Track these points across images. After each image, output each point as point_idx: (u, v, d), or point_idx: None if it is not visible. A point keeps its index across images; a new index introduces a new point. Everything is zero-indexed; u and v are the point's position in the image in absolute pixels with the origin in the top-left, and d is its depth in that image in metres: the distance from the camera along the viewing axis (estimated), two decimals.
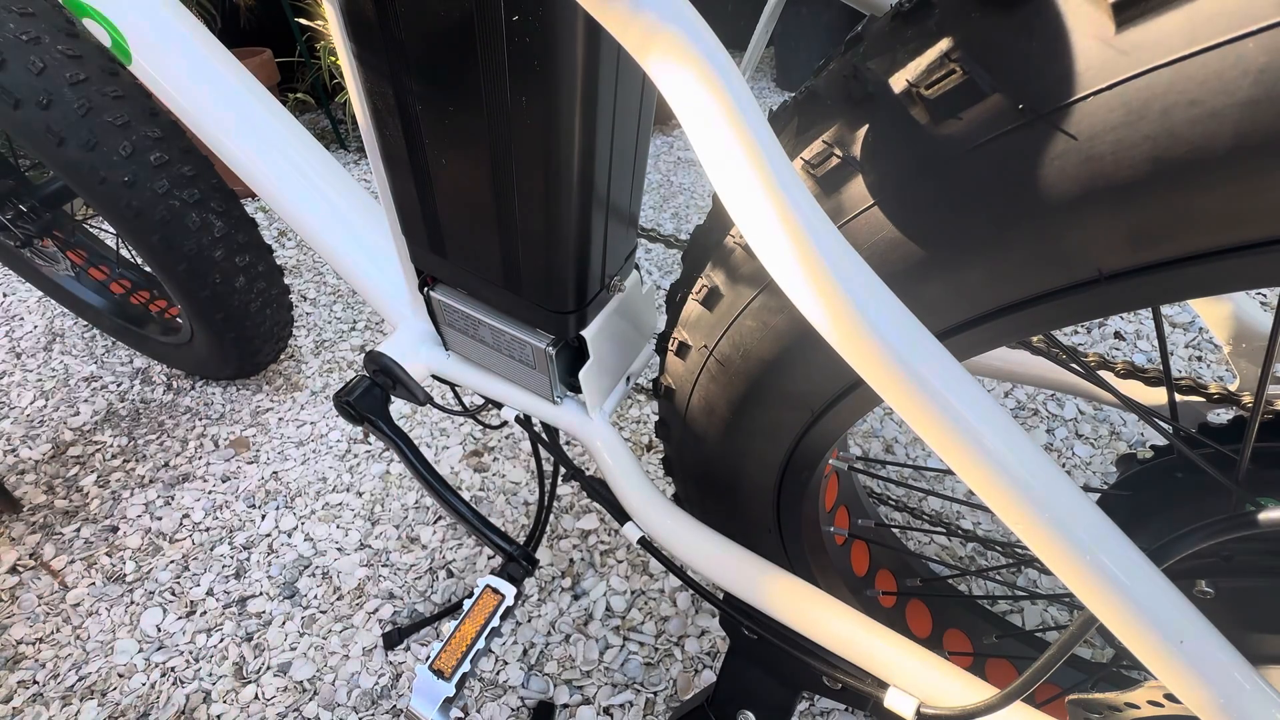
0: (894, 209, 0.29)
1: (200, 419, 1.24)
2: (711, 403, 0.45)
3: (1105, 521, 0.26)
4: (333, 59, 2.15)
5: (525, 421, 0.61)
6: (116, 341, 1.42)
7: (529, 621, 0.91)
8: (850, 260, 0.24)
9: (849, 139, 0.30)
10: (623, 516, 0.56)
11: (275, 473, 1.14)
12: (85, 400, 1.27)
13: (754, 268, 0.37)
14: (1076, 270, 0.27)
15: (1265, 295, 1.38)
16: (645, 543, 0.55)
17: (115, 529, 1.04)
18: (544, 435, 0.62)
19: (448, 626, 0.43)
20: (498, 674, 0.86)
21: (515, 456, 1.14)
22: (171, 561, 1.00)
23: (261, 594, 0.96)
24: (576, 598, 0.94)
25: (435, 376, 0.62)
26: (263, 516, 1.06)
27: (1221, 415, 1.02)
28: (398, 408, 1.23)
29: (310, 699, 0.83)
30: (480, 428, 1.19)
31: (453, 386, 0.64)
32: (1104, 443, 1.16)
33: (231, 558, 1.00)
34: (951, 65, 0.25)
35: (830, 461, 0.70)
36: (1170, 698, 0.37)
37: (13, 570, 0.99)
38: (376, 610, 0.93)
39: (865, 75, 0.28)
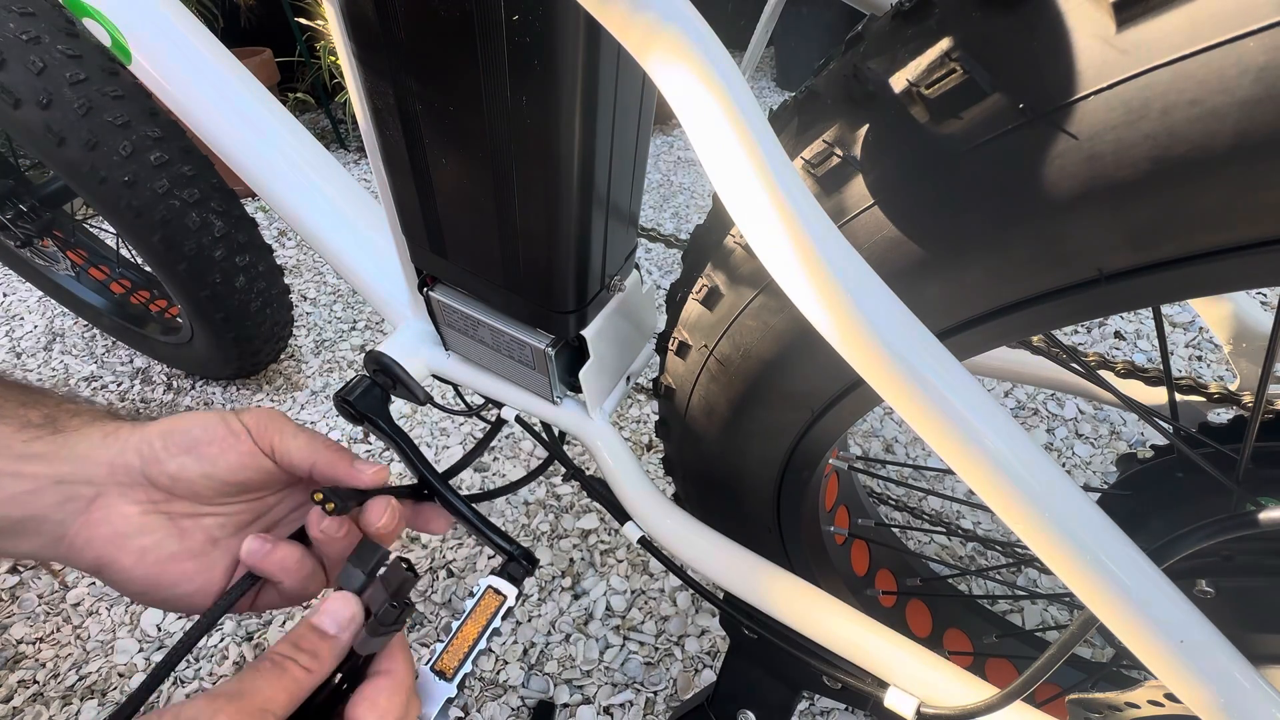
0: (894, 208, 0.29)
1: None
2: (711, 402, 0.45)
3: (1105, 521, 0.26)
4: (333, 59, 2.15)
5: (524, 421, 0.61)
6: (116, 341, 1.42)
7: (529, 621, 0.91)
8: (850, 260, 0.24)
9: (849, 138, 0.30)
10: (623, 516, 0.56)
11: None
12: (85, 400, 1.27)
13: (754, 267, 0.37)
14: (1076, 270, 0.27)
15: (1265, 295, 1.38)
16: (645, 542, 0.55)
17: None
18: (544, 435, 0.62)
19: (449, 626, 0.43)
20: (498, 673, 0.86)
21: (515, 456, 1.14)
22: None
23: None
24: (577, 597, 0.94)
25: (435, 376, 0.62)
26: None
27: (1221, 415, 1.02)
28: (398, 407, 1.23)
29: None
30: (479, 427, 1.19)
31: (454, 386, 0.64)
32: (1104, 442, 1.16)
33: None
34: (952, 64, 0.25)
35: (830, 461, 0.70)
36: (1170, 697, 0.37)
37: (13, 570, 0.99)
38: None
39: (866, 74, 0.28)
